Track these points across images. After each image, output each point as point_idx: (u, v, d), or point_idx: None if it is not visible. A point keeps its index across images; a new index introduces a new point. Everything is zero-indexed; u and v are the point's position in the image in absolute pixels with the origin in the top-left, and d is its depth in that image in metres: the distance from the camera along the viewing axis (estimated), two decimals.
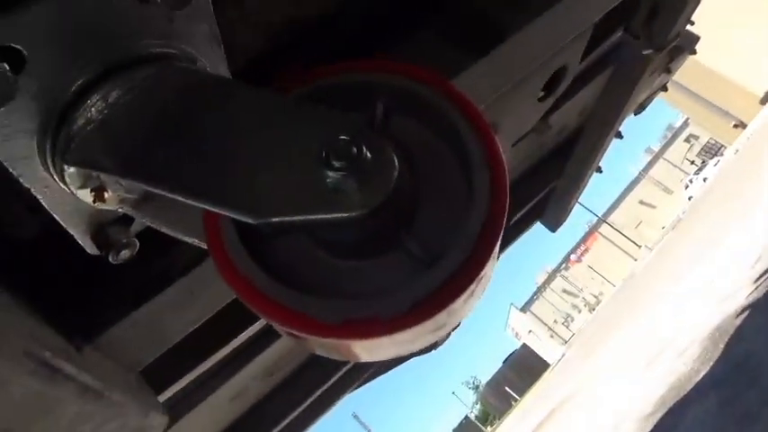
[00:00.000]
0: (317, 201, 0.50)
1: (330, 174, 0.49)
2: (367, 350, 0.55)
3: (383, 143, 0.51)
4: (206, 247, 0.55)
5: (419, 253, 0.52)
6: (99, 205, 0.57)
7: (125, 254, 0.66)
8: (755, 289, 4.30)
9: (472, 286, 0.50)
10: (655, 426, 4.30)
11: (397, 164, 0.50)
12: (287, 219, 0.50)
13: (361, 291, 0.53)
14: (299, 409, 1.92)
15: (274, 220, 0.50)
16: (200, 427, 1.59)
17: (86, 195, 0.56)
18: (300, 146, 0.52)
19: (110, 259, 0.65)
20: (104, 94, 0.53)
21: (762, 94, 18.20)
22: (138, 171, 0.52)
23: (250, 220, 0.50)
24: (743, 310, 4.14)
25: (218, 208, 0.51)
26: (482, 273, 0.50)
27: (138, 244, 0.67)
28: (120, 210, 0.59)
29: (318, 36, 0.82)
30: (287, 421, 1.87)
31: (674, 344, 5.87)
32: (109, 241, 0.64)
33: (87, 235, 0.63)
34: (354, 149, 0.49)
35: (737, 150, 17.36)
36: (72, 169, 0.54)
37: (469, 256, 0.50)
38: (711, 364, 3.95)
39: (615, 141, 3.11)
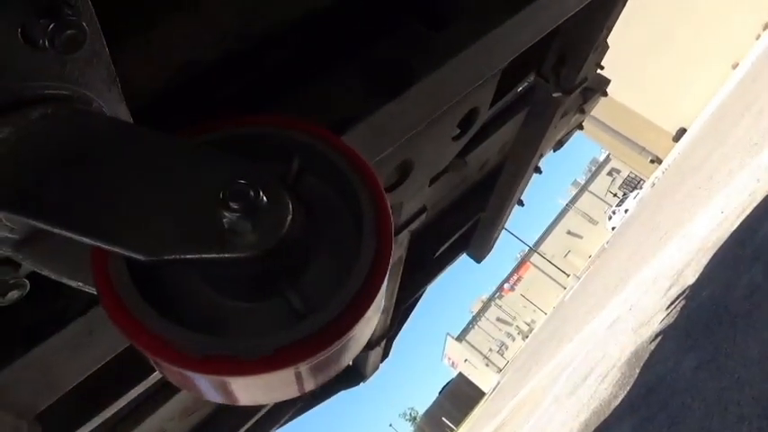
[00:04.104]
0: (212, 240, 0.51)
1: (226, 215, 0.51)
2: (223, 391, 0.54)
3: (280, 189, 0.53)
4: (91, 291, 0.54)
5: (297, 304, 0.53)
6: None
7: (13, 294, 0.64)
8: (668, 315, 4.56)
9: (336, 344, 0.50)
10: None
11: (291, 210, 0.52)
12: (179, 256, 0.51)
13: (234, 330, 0.54)
14: None
15: (166, 257, 0.51)
16: None
17: None
18: (199, 187, 0.53)
19: None
20: None
21: (674, 132, 19.64)
22: (25, 206, 0.51)
23: (140, 257, 0.50)
24: (656, 336, 4.37)
25: (108, 245, 0.51)
26: (350, 333, 0.51)
27: (28, 285, 0.65)
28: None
29: (225, 77, 0.84)
30: None
31: (597, 369, 6.10)
32: None
33: None
34: (252, 193, 0.51)
35: (654, 184, 18.54)
36: None
37: (340, 315, 0.51)
38: (628, 388, 4.13)
39: (544, 175, 3.28)
